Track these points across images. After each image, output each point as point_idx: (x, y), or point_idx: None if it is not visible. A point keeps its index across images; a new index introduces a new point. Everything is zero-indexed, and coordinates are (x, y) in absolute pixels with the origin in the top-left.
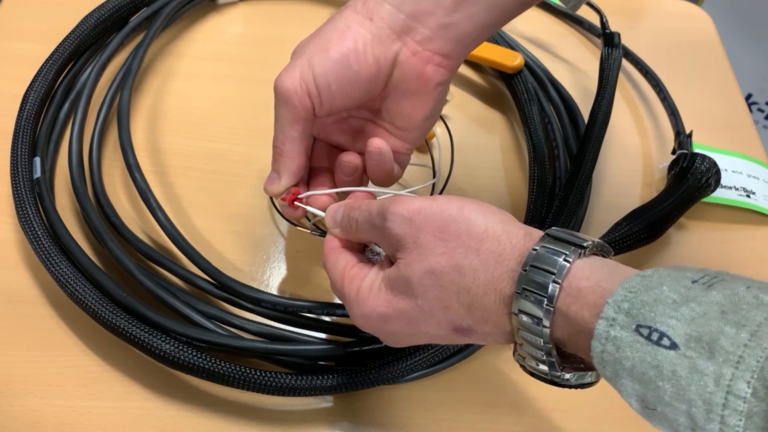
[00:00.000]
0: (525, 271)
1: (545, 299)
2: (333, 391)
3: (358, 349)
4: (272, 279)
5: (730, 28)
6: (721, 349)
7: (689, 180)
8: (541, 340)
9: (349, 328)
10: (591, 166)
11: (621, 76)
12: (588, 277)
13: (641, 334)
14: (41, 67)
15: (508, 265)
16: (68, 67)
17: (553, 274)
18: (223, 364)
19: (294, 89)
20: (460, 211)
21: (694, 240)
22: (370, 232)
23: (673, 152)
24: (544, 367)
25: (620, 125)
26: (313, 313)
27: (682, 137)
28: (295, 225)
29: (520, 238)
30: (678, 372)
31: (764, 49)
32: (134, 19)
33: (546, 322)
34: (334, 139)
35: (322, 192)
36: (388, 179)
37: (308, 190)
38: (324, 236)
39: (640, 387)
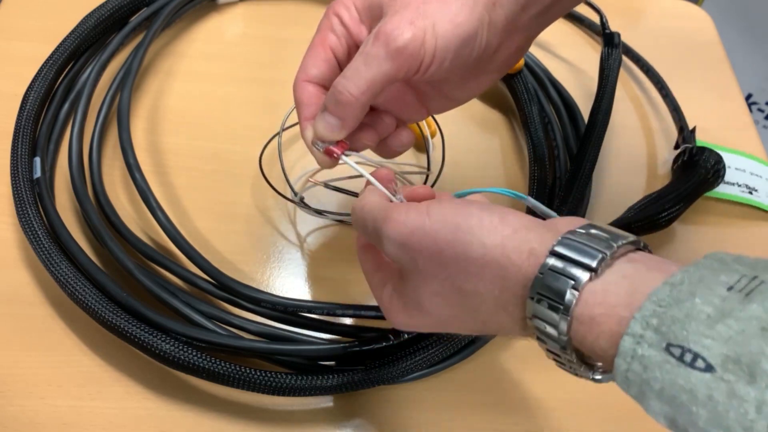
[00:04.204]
0: (532, 299)
1: (556, 330)
2: (333, 391)
3: (358, 349)
4: (272, 279)
5: (730, 28)
6: (763, 372)
7: (697, 172)
8: (563, 352)
9: (349, 328)
10: (591, 166)
11: (622, 74)
12: (602, 303)
13: (672, 354)
14: (41, 67)
15: (515, 291)
16: (68, 67)
17: (561, 305)
18: (223, 364)
19: (413, 49)
20: (454, 234)
21: (698, 234)
22: (369, 239)
23: (676, 146)
24: (569, 369)
25: (621, 124)
26: (313, 313)
27: (686, 132)
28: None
29: (524, 260)
30: (715, 397)
31: (764, 49)
32: (134, 19)
33: (566, 350)
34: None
35: (366, 164)
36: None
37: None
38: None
39: (670, 409)
